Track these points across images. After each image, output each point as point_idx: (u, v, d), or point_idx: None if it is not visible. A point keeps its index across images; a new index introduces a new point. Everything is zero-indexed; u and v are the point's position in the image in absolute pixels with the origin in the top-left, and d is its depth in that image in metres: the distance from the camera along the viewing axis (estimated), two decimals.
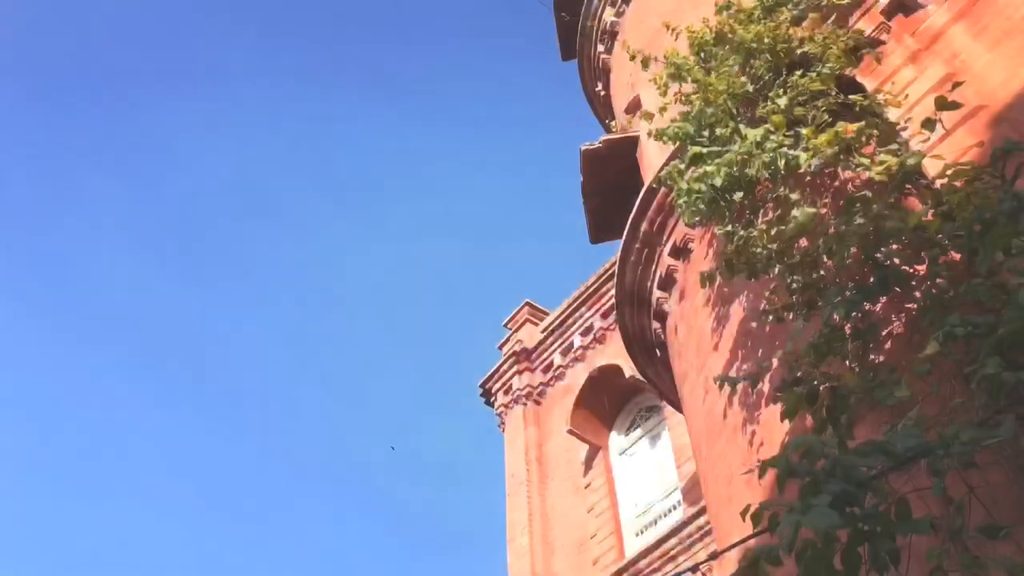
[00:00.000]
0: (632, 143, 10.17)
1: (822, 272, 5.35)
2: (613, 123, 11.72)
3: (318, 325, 69.78)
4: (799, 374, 5.00)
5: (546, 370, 20.01)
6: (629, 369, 15.57)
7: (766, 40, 6.54)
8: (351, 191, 71.83)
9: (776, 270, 5.72)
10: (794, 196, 5.91)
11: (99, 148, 64.05)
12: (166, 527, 61.18)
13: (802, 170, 6.03)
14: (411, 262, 71.58)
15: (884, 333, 5.08)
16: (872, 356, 4.99)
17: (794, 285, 5.42)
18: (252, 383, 66.90)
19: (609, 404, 17.31)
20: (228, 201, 68.07)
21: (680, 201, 6.60)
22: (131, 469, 62.03)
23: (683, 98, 7.11)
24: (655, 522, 15.10)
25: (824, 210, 5.87)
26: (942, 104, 4.58)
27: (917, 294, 4.86)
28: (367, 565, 59.78)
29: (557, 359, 19.66)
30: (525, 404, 19.59)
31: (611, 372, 17.04)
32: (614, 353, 17.23)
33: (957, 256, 4.69)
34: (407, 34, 68.99)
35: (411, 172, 71.52)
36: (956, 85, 4.98)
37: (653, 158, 9.18)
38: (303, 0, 65.38)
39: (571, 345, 19.46)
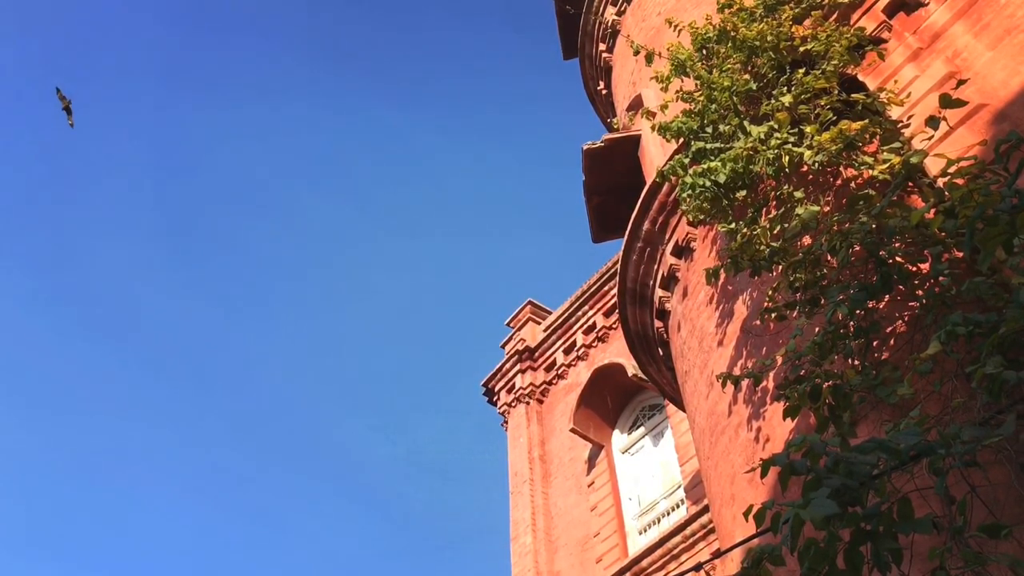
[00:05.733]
0: (634, 142, 10.16)
1: (824, 270, 5.36)
2: (615, 120, 11.71)
3: (320, 324, 69.84)
4: (802, 372, 5.00)
5: (549, 369, 20.02)
6: (631, 368, 15.58)
7: (769, 38, 6.55)
8: (353, 190, 71.89)
9: (779, 268, 5.73)
10: (798, 194, 5.91)
11: (103, 147, 64.14)
12: (168, 526, 61.28)
13: (806, 167, 6.04)
14: (413, 262, 71.63)
15: (887, 331, 5.08)
16: (875, 354, 5.00)
17: (796, 283, 5.42)
18: (253, 383, 66.98)
19: (612, 403, 17.32)
20: (230, 200, 68.14)
21: (684, 195, 6.61)
22: (133, 469, 62.11)
23: (685, 96, 7.11)
24: (658, 520, 15.11)
25: (827, 208, 5.88)
26: (946, 101, 4.57)
27: (919, 292, 4.86)
28: (370, 564, 59.85)
29: (560, 358, 19.67)
30: (528, 403, 19.60)
31: (613, 371, 17.04)
32: (616, 352, 17.25)
33: (959, 254, 4.69)
34: (411, 33, 69.00)
35: (413, 172, 71.57)
36: (961, 82, 4.97)
37: (655, 156, 9.17)
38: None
39: (573, 344, 19.47)
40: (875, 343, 5.02)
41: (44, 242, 63.73)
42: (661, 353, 9.11)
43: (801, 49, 6.49)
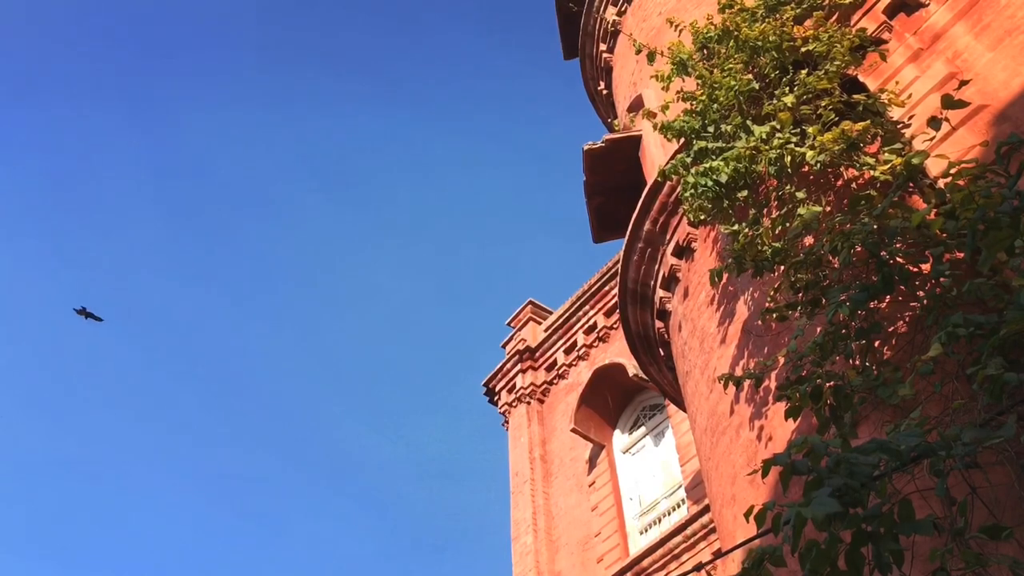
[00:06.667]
0: (634, 142, 10.16)
1: (826, 270, 5.36)
2: (615, 120, 11.71)
3: (321, 325, 69.83)
4: (803, 372, 5.00)
5: (549, 369, 20.01)
6: (632, 368, 15.58)
7: (771, 38, 6.55)
8: (355, 191, 71.90)
9: (780, 268, 5.73)
10: (799, 194, 5.92)
11: (109, 148, 64.13)
12: (168, 525, 61.27)
13: (807, 168, 6.04)
14: (414, 262, 71.63)
15: (888, 332, 5.08)
16: (876, 355, 5.00)
17: (798, 283, 5.43)
18: (254, 383, 66.97)
19: (612, 402, 17.31)
20: (233, 202, 68.16)
21: (686, 194, 6.61)
22: (134, 469, 62.09)
23: (686, 95, 7.11)
24: (659, 520, 15.11)
25: (828, 208, 5.88)
26: (949, 102, 4.57)
27: (920, 293, 4.87)
28: (370, 565, 59.83)
29: (560, 358, 19.66)
30: (528, 403, 19.60)
31: (614, 370, 17.04)
32: (617, 352, 17.24)
33: (960, 255, 4.69)
34: (412, 35, 69.00)
35: (414, 172, 71.58)
36: (963, 83, 4.97)
37: (656, 156, 9.18)
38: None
39: (574, 344, 19.47)
40: (876, 344, 5.03)
41: (49, 243, 63.75)
42: (662, 353, 9.11)
43: (803, 49, 6.49)
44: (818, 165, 5.79)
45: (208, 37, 66.46)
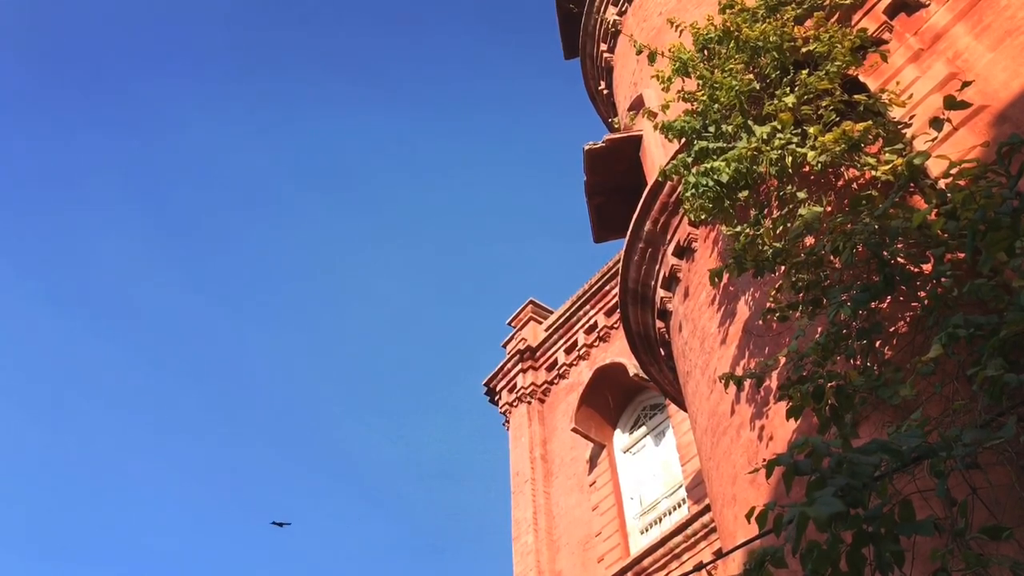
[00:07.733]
0: (635, 142, 10.16)
1: (827, 270, 5.36)
2: (616, 120, 11.70)
3: (321, 325, 69.85)
4: (804, 372, 5.01)
5: (550, 368, 20.02)
6: (633, 367, 15.60)
7: (772, 38, 6.55)
8: (355, 191, 71.91)
9: (781, 268, 5.73)
10: (800, 194, 5.92)
11: (111, 148, 64.16)
12: (168, 524, 61.29)
13: (808, 168, 6.05)
14: (415, 262, 71.65)
15: (889, 332, 5.08)
16: (877, 355, 5.00)
17: (799, 283, 5.43)
18: (256, 383, 67.00)
19: (613, 402, 17.32)
20: (234, 203, 68.20)
21: (687, 194, 6.61)
22: (136, 470, 62.10)
23: (687, 95, 7.11)
24: (660, 520, 15.12)
25: (829, 208, 5.88)
26: (951, 103, 4.58)
27: (921, 293, 4.87)
28: (371, 564, 59.85)
29: (561, 357, 19.67)
30: (529, 402, 19.61)
31: (615, 370, 17.05)
32: (618, 351, 17.25)
33: (961, 255, 4.69)
34: (411, 35, 69.00)
35: (415, 172, 71.59)
36: (965, 84, 4.97)
37: (657, 156, 9.18)
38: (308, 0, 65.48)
39: (575, 343, 19.47)
40: (877, 344, 5.03)
41: (48, 242, 63.81)
42: (663, 353, 9.11)
43: (804, 50, 6.49)
44: (819, 165, 5.80)
45: (207, 37, 66.52)
